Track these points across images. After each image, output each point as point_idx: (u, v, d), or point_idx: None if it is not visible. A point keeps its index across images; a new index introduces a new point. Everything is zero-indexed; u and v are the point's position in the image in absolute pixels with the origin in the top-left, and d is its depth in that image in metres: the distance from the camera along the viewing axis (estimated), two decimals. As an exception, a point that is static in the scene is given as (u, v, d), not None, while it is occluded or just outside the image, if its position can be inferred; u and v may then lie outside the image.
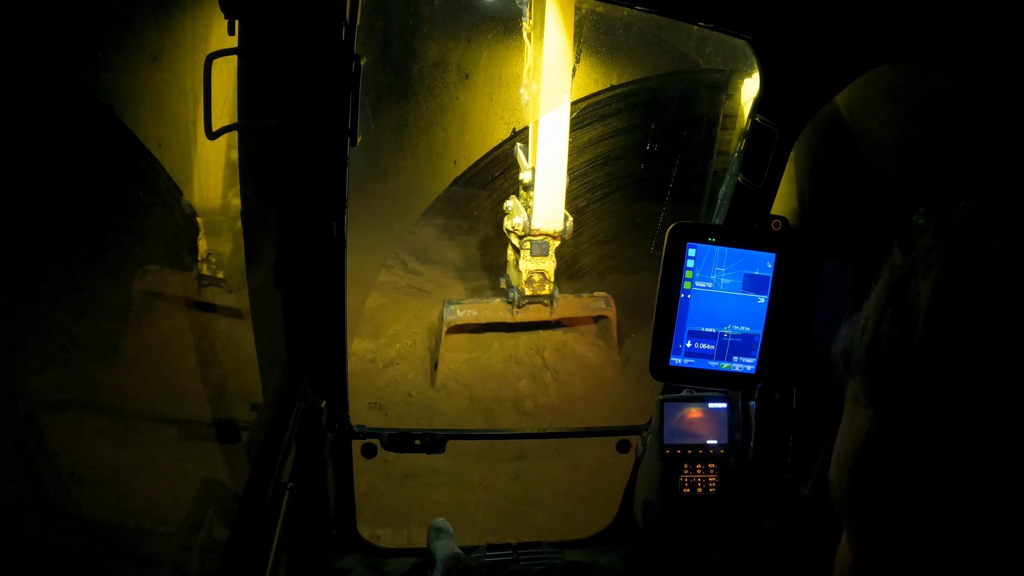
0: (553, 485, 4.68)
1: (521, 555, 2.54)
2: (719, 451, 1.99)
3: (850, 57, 1.71)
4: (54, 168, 1.14)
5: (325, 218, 1.84)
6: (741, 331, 1.89)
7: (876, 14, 1.55)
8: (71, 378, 1.22)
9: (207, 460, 1.67)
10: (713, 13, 1.73)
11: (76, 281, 1.27)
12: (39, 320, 1.10)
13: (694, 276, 1.87)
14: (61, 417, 1.21)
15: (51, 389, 1.17)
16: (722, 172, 2.39)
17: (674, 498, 1.99)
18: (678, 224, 1.86)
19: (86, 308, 1.29)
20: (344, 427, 2.29)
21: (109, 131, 1.40)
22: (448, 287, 7.55)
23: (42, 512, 1.07)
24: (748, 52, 1.83)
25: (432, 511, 4.09)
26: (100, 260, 1.38)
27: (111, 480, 1.33)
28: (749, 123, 1.96)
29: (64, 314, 1.20)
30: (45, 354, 1.12)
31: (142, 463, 1.48)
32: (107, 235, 1.40)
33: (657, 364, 1.93)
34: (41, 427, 1.12)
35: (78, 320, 1.25)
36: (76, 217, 1.26)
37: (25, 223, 1.05)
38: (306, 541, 2.05)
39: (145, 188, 1.56)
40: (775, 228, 1.86)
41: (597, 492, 3.92)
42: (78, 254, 1.27)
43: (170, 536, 1.45)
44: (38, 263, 1.10)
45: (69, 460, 1.22)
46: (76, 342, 1.24)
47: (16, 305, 1.02)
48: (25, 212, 1.05)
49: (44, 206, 1.11)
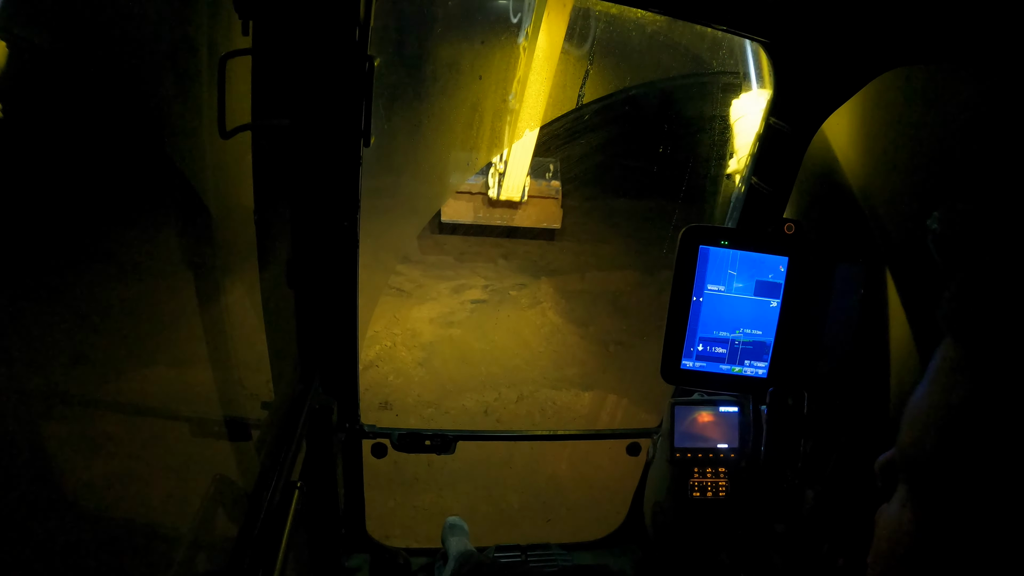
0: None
1: (530, 556, 2.54)
2: (729, 455, 1.98)
3: (864, 60, 1.70)
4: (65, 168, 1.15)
5: (338, 218, 1.85)
6: (753, 335, 1.88)
7: (891, 17, 1.54)
8: (84, 376, 1.23)
9: (218, 457, 1.68)
10: (727, 15, 1.72)
11: (89, 280, 1.28)
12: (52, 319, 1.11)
13: (706, 279, 1.86)
14: (73, 414, 1.22)
15: (64, 386, 1.18)
16: (734, 175, 2.38)
17: (684, 501, 1.98)
18: (691, 227, 1.85)
19: (99, 306, 1.30)
20: (354, 427, 2.30)
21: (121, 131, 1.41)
22: (428, 287, 7.61)
23: (54, 509, 1.08)
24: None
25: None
26: (112, 259, 1.39)
27: (122, 477, 1.34)
28: (763, 126, 1.95)
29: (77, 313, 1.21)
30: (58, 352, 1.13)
31: (154, 460, 1.49)
32: (119, 234, 1.41)
33: (669, 367, 1.92)
34: (53, 424, 1.13)
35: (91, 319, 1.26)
36: (87, 216, 1.27)
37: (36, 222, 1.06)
38: (315, 540, 2.06)
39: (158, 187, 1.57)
40: (788, 232, 1.85)
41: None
42: (90, 253, 1.28)
43: (180, 532, 1.46)
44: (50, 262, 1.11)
45: (81, 457, 1.23)
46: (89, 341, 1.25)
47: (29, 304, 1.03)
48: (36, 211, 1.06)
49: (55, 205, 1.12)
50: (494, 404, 5.75)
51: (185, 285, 1.67)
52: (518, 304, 7.37)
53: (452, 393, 5.86)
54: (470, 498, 4.66)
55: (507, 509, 4.58)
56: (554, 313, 7.23)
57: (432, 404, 5.72)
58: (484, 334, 6.74)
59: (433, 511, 4.42)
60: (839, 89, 1.77)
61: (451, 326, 6.84)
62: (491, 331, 6.81)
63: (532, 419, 5.61)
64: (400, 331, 6.56)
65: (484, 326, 6.90)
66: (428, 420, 5.53)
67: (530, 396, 5.86)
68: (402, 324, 6.65)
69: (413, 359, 6.26)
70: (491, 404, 5.75)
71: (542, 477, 4.69)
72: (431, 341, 6.51)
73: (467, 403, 5.75)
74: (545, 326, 7.01)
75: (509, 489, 4.69)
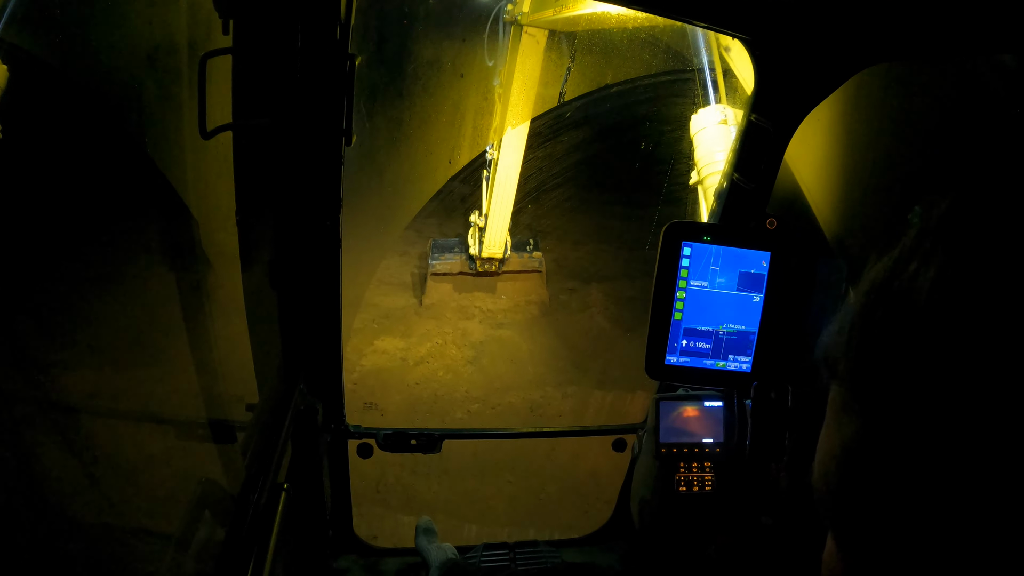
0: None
1: (518, 554, 2.54)
2: (715, 449, 2.00)
3: (845, 56, 1.71)
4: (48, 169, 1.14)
5: (320, 218, 1.84)
6: (736, 330, 1.89)
7: (871, 13, 1.56)
8: (66, 379, 1.22)
9: (203, 460, 1.67)
10: (709, 12, 1.73)
11: (69, 281, 1.26)
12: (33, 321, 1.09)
13: (689, 275, 1.87)
14: (56, 418, 1.21)
15: (46, 389, 1.16)
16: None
17: (670, 496, 1.99)
18: (673, 223, 1.86)
19: (79, 308, 1.29)
20: (340, 427, 2.29)
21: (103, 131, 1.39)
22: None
23: (37, 512, 1.06)
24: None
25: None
26: (94, 260, 1.37)
27: (107, 480, 1.33)
28: (744, 122, 1.96)
29: (57, 315, 1.19)
30: (39, 354, 1.12)
31: (138, 463, 1.47)
32: (101, 235, 1.40)
33: (653, 363, 1.93)
34: (36, 427, 1.11)
35: (72, 321, 1.25)
36: (70, 217, 1.25)
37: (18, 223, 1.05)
38: (302, 541, 2.05)
39: (139, 188, 1.55)
40: (770, 227, 1.86)
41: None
42: (71, 254, 1.26)
43: (166, 536, 1.45)
44: (32, 263, 1.10)
45: (64, 461, 1.21)
46: (71, 343, 1.23)
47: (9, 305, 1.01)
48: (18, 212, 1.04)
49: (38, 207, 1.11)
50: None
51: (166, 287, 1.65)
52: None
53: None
54: (512, 487, 4.85)
55: (546, 499, 4.76)
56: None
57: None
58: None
59: (475, 497, 4.73)
60: (820, 85, 1.79)
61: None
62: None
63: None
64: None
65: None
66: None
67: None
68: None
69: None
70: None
71: (583, 471, 4.74)
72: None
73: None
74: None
75: (548, 479, 4.83)
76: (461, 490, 4.73)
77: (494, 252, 7.85)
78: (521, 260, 8.21)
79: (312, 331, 2.03)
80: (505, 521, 4.66)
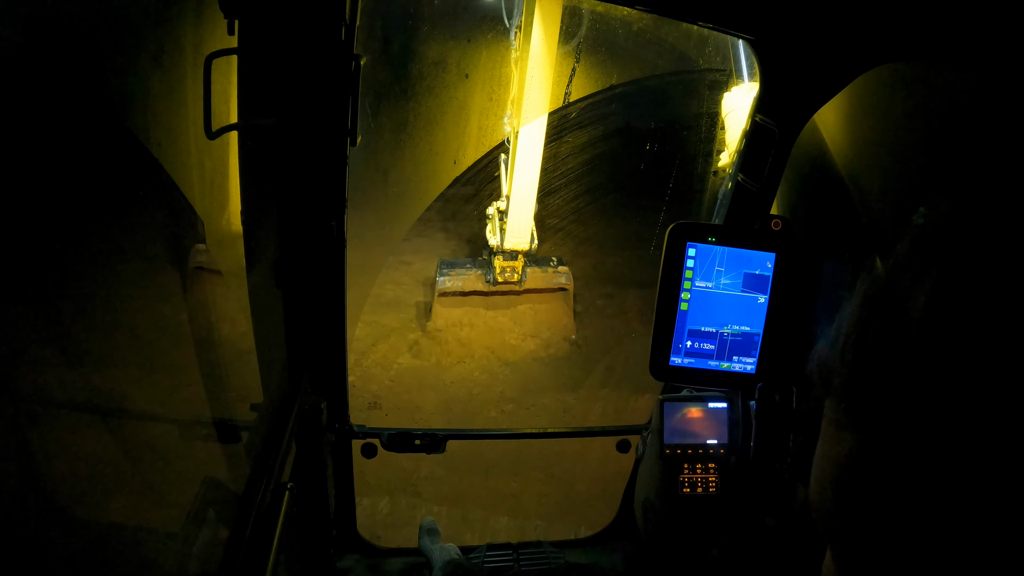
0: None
1: (521, 555, 2.54)
2: (719, 451, 1.99)
3: (850, 56, 1.71)
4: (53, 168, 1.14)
5: (325, 218, 1.84)
6: (741, 331, 1.89)
7: (877, 13, 1.55)
8: (70, 378, 1.22)
9: (207, 460, 1.67)
10: (713, 13, 1.72)
11: (74, 281, 1.26)
12: (38, 320, 1.09)
13: (694, 276, 1.86)
14: (60, 417, 1.21)
15: (49, 389, 1.17)
16: (721, 172, 2.39)
17: (674, 498, 1.99)
18: (678, 224, 1.86)
19: (85, 308, 1.29)
20: (344, 427, 2.29)
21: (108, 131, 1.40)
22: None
23: (41, 512, 1.07)
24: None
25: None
26: (98, 260, 1.38)
27: (111, 480, 1.33)
28: (749, 123, 1.95)
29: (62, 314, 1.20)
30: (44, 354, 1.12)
31: (142, 463, 1.48)
32: (106, 235, 1.40)
33: (657, 364, 1.93)
34: (40, 427, 1.12)
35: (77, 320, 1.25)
36: (75, 217, 1.26)
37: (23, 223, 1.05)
38: (306, 541, 2.05)
39: (144, 188, 1.55)
40: (775, 228, 1.86)
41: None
42: (76, 253, 1.27)
43: (170, 536, 1.45)
44: (36, 263, 1.10)
45: (68, 460, 1.22)
46: (75, 342, 1.23)
47: (14, 305, 1.02)
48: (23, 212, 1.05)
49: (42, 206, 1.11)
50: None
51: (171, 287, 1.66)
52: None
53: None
54: (542, 484, 4.98)
55: (575, 497, 4.85)
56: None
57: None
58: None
59: (504, 493, 4.90)
60: (826, 86, 1.78)
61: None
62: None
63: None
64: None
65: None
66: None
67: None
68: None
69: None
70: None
71: (612, 471, 4.81)
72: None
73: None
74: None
75: (578, 479, 4.91)
76: (492, 486, 4.88)
77: (519, 243, 6.59)
78: (545, 276, 7.10)
79: (316, 331, 2.03)
80: (533, 516, 4.80)
